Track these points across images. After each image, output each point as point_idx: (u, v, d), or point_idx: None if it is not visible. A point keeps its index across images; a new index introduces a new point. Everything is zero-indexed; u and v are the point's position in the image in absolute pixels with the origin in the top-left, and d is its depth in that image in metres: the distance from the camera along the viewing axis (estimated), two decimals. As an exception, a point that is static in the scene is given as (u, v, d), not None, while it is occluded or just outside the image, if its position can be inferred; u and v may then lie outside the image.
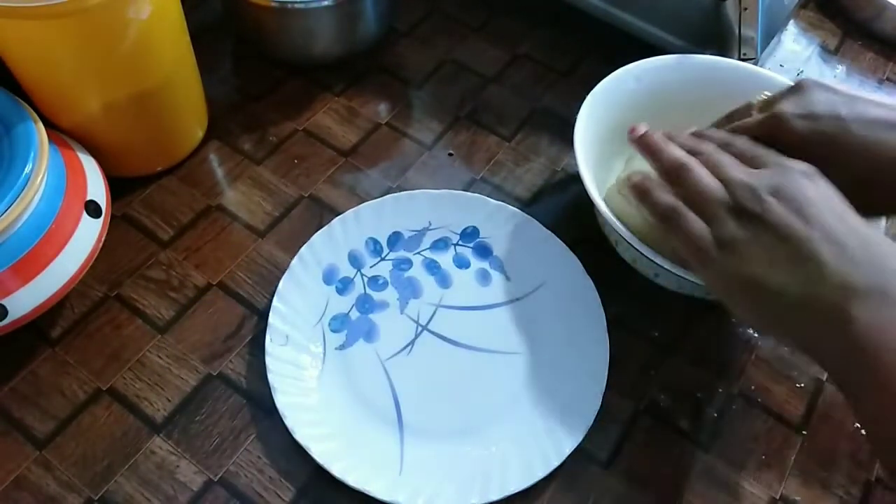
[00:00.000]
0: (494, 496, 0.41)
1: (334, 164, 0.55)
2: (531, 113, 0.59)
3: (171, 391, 0.45)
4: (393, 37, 0.63)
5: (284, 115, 0.58)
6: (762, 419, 0.46)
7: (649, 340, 0.49)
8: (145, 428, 0.43)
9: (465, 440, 0.44)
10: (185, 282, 0.49)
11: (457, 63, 0.62)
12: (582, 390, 0.44)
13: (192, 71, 0.51)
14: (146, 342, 0.46)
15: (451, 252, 0.51)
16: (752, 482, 0.44)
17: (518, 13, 0.66)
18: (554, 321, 0.47)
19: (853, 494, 0.44)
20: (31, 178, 0.40)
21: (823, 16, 0.69)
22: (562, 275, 0.49)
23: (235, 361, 0.46)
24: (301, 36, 0.56)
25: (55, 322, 0.46)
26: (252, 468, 0.42)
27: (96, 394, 0.44)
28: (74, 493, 0.41)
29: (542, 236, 0.50)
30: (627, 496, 0.43)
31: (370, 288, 0.49)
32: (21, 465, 0.42)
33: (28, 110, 0.42)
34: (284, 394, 0.43)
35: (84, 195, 0.44)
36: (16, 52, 0.42)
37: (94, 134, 0.47)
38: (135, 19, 0.42)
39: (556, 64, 0.51)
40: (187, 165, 0.54)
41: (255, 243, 0.51)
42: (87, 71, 0.43)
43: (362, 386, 0.45)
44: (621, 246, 0.48)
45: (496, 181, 0.55)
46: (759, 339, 0.49)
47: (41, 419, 0.43)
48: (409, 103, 0.59)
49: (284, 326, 0.46)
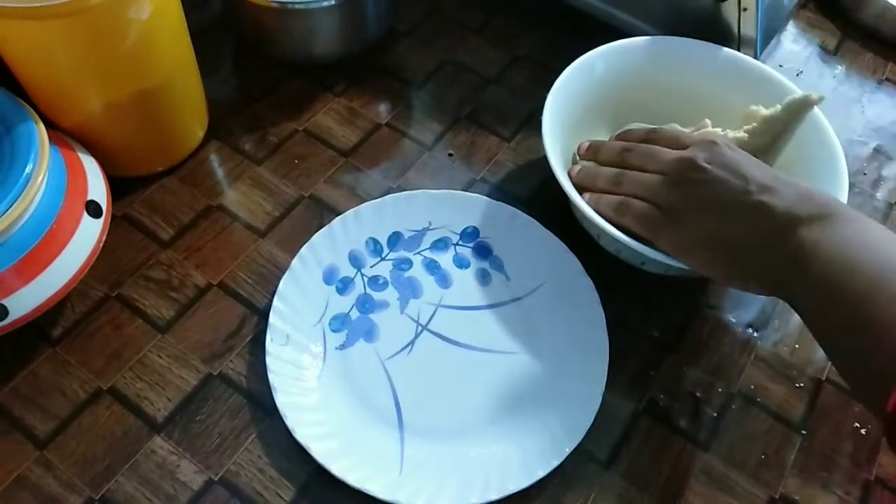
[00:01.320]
0: (494, 496, 0.41)
1: (335, 165, 0.55)
2: (531, 113, 0.59)
3: (171, 391, 0.45)
4: (393, 37, 0.63)
5: (285, 115, 0.58)
6: (761, 419, 0.46)
7: (649, 340, 0.49)
8: (146, 427, 0.43)
9: (465, 440, 0.44)
10: (185, 282, 0.49)
11: (457, 63, 0.62)
12: (582, 390, 0.44)
13: (192, 71, 0.51)
14: (147, 342, 0.46)
15: (451, 252, 0.51)
16: (751, 482, 0.44)
17: (518, 13, 0.66)
18: (554, 321, 0.48)
19: (853, 494, 0.44)
20: (31, 178, 0.40)
21: (823, 16, 0.69)
22: (562, 275, 0.49)
23: (236, 361, 0.46)
24: (301, 36, 0.56)
25: (56, 322, 0.47)
26: (252, 468, 0.42)
27: (97, 393, 0.44)
28: (75, 493, 0.41)
29: (542, 236, 0.50)
30: (627, 496, 0.43)
31: (370, 288, 0.49)
32: (22, 464, 0.42)
33: (28, 110, 0.43)
34: (285, 393, 0.43)
35: (85, 195, 0.44)
36: (16, 52, 0.42)
37: (94, 134, 0.47)
38: (135, 19, 0.42)
39: (556, 64, 0.51)
40: (188, 165, 0.54)
41: (255, 243, 0.51)
42: (88, 71, 0.43)
43: (362, 386, 0.45)
44: (604, 239, 0.48)
45: (496, 181, 0.55)
46: (758, 339, 0.49)
47: (42, 419, 0.43)
48: (409, 104, 0.59)
49: (285, 326, 0.46)
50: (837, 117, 0.60)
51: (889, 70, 0.65)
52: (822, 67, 0.65)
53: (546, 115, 0.47)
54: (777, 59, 0.65)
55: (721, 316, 0.50)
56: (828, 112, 0.49)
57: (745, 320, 0.50)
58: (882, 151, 0.60)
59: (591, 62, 0.51)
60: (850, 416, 0.46)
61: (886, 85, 0.64)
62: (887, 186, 0.58)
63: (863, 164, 0.59)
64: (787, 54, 0.65)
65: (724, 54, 0.52)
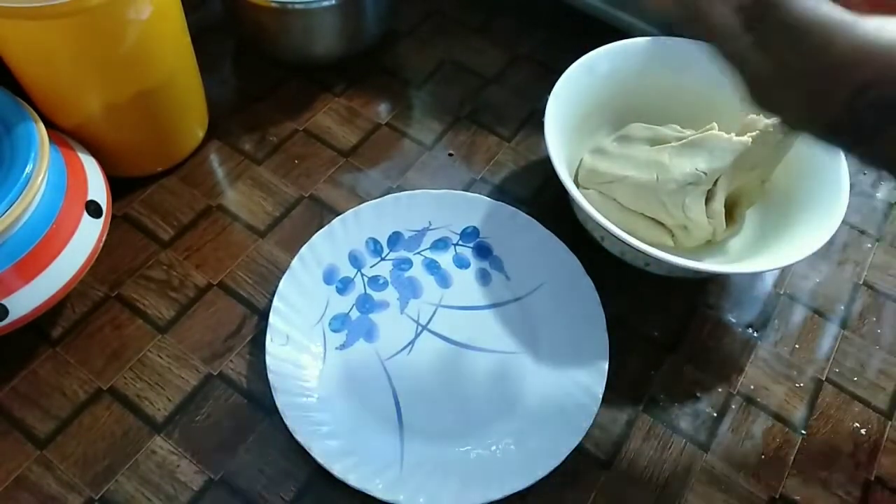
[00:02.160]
0: (494, 496, 0.41)
1: (335, 165, 0.55)
2: (531, 113, 0.59)
3: (171, 391, 0.45)
4: (393, 37, 0.63)
5: (285, 115, 0.58)
6: (762, 419, 0.46)
7: (649, 340, 0.49)
8: (146, 427, 0.43)
9: (466, 440, 0.44)
10: (185, 282, 0.49)
11: (457, 63, 0.62)
12: (582, 390, 0.44)
13: (192, 71, 0.51)
14: (147, 342, 0.46)
15: (451, 252, 0.51)
16: (751, 482, 0.44)
17: (518, 13, 0.66)
18: (554, 321, 0.48)
19: (853, 494, 0.44)
20: (31, 178, 0.40)
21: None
22: (562, 275, 0.49)
23: (236, 361, 0.46)
24: (301, 36, 0.56)
25: (56, 322, 0.47)
26: (252, 468, 0.42)
27: (97, 393, 0.44)
28: (75, 493, 0.41)
29: (542, 236, 0.50)
30: (627, 496, 0.43)
31: (370, 288, 0.49)
32: (22, 464, 0.42)
33: (28, 110, 0.42)
34: (285, 393, 0.43)
35: (85, 195, 0.44)
36: (16, 52, 0.42)
37: (94, 134, 0.47)
38: (135, 20, 0.42)
39: (556, 64, 0.51)
40: (188, 165, 0.54)
41: (255, 243, 0.51)
42: (88, 71, 0.43)
43: (362, 386, 0.45)
44: (608, 241, 0.48)
45: (496, 181, 0.55)
46: (758, 339, 0.49)
47: (42, 419, 0.43)
48: (409, 103, 0.60)
49: (285, 326, 0.46)
50: (837, 117, 0.60)
51: (889, 70, 0.65)
52: (822, 67, 0.65)
53: (548, 116, 0.47)
54: (777, 58, 0.65)
55: (721, 316, 0.50)
56: (828, 112, 0.49)
57: (745, 320, 0.50)
58: (882, 151, 0.60)
59: (591, 63, 0.51)
60: (850, 416, 0.46)
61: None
62: (887, 186, 0.58)
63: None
64: (787, 54, 0.65)
65: None
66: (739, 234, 0.51)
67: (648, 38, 0.52)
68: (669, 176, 0.46)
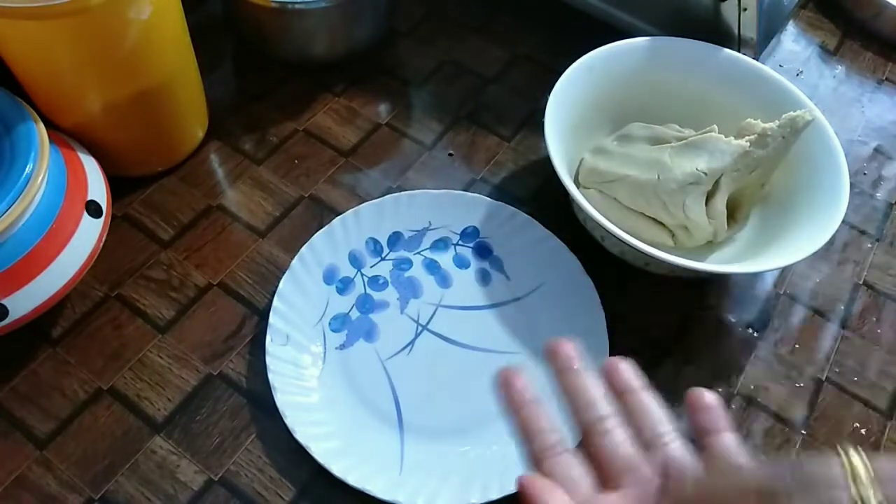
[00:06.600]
0: (494, 496, 0.41)
1: (334, 165, 0.55)
2: (531, 113, 0.59)
3: (171, 391, 0.45)
4: (393, 37, 0.63)
5: (285, 115, 0.58)
6: (762, 419, 0.46)
7: (649, 340, 0.49)
8: (146, 427, 0.43)
9: (466, 440, 0.44)
10: (185, 282, 0.49)
11: (457, 63, 0.62)
12: (582, 390, 0.44)
13: (192, 71, 0.51)
14: (147, 342, 0.46)
15: (451, 252, 0.51)
16: (751, 482, 0.44)
17: (518, 13, 0.66)
18: (554, 321, 0.48)
19: (853, 494, 0.44)
20: (31, 177, 0.40)
21: (823, 16, 0.69)
22: (562, 275, 0.49)
23: (236, 361, 0.46)
24: (301, 36, 0.56)
25: (56, 322, 0.47)
26: (252, 468, 0.42)
27: (97, 393, 0.44)
28: (75, 493, 0.41)
29: (542, 236, 0.50)
30: (627, 496, 0.43)
31: (370, 288, 0.49)
32: (22, 464, 0.42)
33: (28, 110, 0.42)
34: (285, 393, 0.43)
35: (85, 195, 0.44)
36: (16, 52, 0.42)
37: (94, 134, 0.47)
38: (135, 19, 0.42)
39: (556, 64, 0.51)
40: (188, 165, 0.54)
41: (255, 243, 0.51)
42: (88, 71, 0.43)
43: (362, 386, 0.45)
44: (608, 241, 0.48)
45: (496, 181, 0.55)
46: (758, 339, 0.49)
47: (42, 419, 0.43)
48: (409, 103, 0.59)
49: (285, 326, 0.46)
50: (837, 117, 0.60)
51: (889, 70, 0.65)
52: (822, 67, 0.65)
53: (548, 116, 0.47)
54: (777, 58, 0.65)
55: (721, 316, 0.50)
56: (828, 112, 0.49)
57: (745, 320, 0.50)
58: (882, 151, 0.60)
59: (591, 63, 0.51)
60: (850, 416, 0.46)
61: (886, 85, 0.64)
62: (887, 186, 0.58)
63: (863, 164, 0.59)
64: (787, 54, 0.65)
65: (724, 55, 0.52)
66: (739, 235, 0.51)
67: (648, 38, 0.52)
68: (670, 175, 0.46)
